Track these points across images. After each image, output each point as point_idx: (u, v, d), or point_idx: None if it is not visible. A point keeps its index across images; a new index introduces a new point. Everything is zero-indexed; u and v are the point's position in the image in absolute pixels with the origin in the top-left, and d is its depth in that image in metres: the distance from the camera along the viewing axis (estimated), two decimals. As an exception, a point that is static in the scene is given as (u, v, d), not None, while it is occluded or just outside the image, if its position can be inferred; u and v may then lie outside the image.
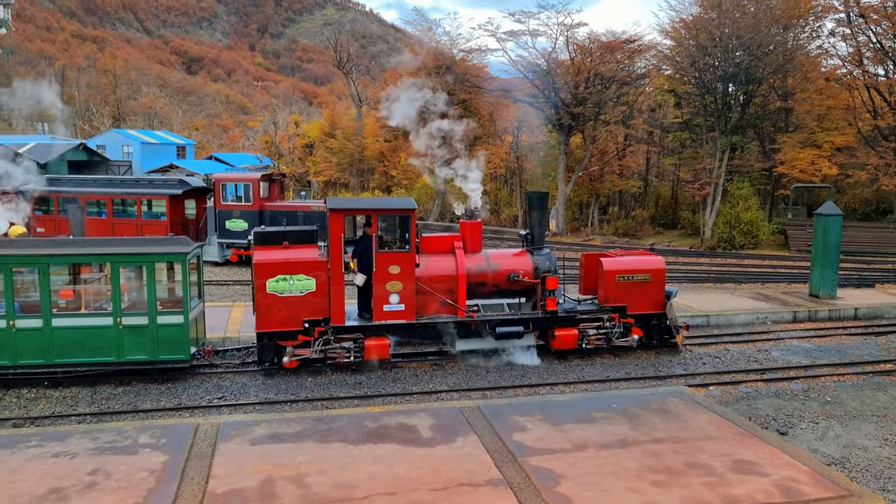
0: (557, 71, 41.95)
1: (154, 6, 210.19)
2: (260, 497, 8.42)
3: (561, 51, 43.01)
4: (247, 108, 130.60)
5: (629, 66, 43.05)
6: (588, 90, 41.02)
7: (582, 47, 42.09)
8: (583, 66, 41.31)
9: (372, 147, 56.51)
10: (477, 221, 15.76)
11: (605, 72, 41.02)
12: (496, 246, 26.35)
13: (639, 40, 41.52)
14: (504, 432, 10.46)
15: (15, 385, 13.63)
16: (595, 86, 41.45)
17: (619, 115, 42.43)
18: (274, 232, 14.65)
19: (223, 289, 24.01)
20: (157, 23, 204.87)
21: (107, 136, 70.59)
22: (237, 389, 13.76)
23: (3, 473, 9.00)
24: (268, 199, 28.63)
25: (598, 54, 41.27)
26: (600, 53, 41.24)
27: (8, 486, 8.63)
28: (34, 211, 30.18)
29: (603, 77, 41.23)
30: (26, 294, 14.57)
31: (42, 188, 30.60)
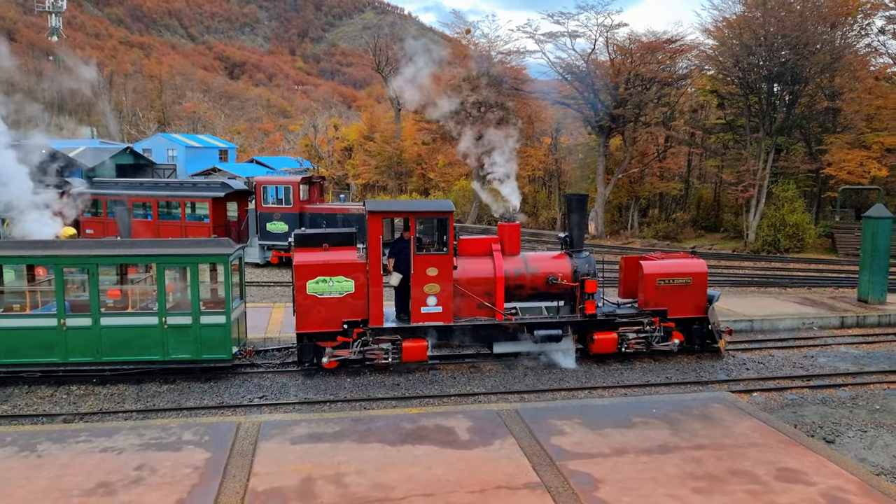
0: (597, 72, 41.59)
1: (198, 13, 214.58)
2: (300, 496, 8.52)
3: (600, 52, 42.65)
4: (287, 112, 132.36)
5: (670, 67, 42.46)
6: (628, 91, 40.58)
7: (622, 48, 41.66)
8: (623, 67, 40.89)
9: (410, 150, 56.76)
10: (515, 224, 15.72)
11: (645, 73, 40.53)
12: (534, 248, 26.22)
13: (680, 40, 40.94)
14: (542, 435, 10.41)
15: (65, 382, 14.04)
16: (635, 87, 40.98)
17: (659, 116, 41.87)
18: (314, 234, 14.82)
19: (264, 290, 24.37)
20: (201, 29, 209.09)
21: (152, 140, 72.28)
22: (277, 389, 13.95)
23: (54, 467, 9.28)
24: (308, 202, 28.97)
25: (639, 55, 40.80)
26: (641, 54, 40.76)
27: (59, 480, 8.90)
28: (83, 213, 31.08)
29: (643, 78, 40.74)
30: (76, 294, 15.03)
31: (90, 191, 31.54)
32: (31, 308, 14.56)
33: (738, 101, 39.91)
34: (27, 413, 12.72)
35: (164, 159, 66.34)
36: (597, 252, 21.71)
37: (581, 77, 41.81)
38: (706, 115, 46.30)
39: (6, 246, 14.61)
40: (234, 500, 8.42)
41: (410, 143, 56.74)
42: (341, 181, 62.60)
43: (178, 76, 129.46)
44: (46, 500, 8.40)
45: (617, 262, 18.96)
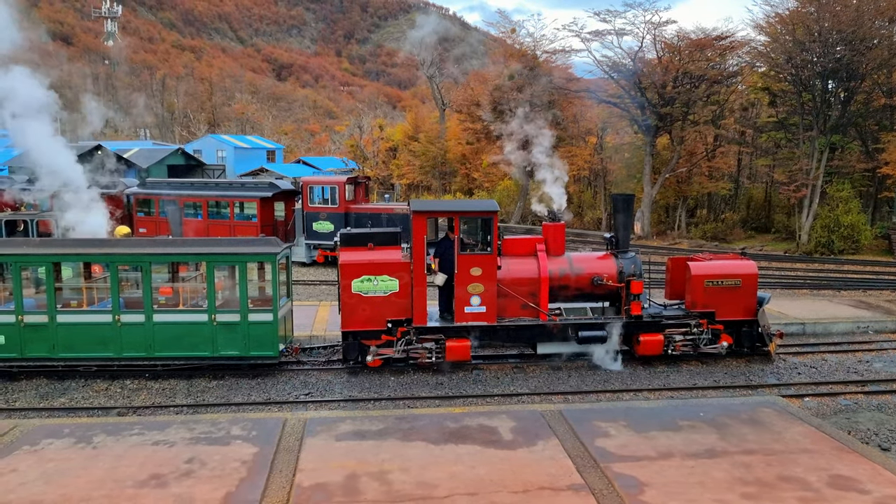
0: (644, 70, 41.02)
1: (247, 16, 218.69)
2: (344, 492, 8.63)
3: (648, 50, 42.05)
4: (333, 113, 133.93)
5: (720, 64, 41.60)
6: (676, 89, 39.91)
7: (670, 45, 40.99)
8: (671, 65, 40.23)
9: (454, 150, 56.83)
10: (560, 224, 15.62)
11: (694, 70, 39.81)
12: (579, 249, 26.02)
13: (731, 37, 40.08)
14: (586, 437, 10.32)
15: (119, 376, 14.49)
16: (684, 85, 40.28)
17: (708, 114, 41.05)
18: (359, 234, 14.98)
19: (310, 288, 24.71)
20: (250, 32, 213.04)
21: (203, 142, 73.97)
22: (323, 386, 14.14)
23: (109, 459, 9.58)
24: (353, 202, 29.27)
25: (688, 52, 40.09)
26: (689, 51, 40.05)
27: (113, 471, 9.19)
28: (137, 212, 32.00)
29: (692, 76, 40.02)
30: (130, 291, 15.49)
31: (143, 191, 32.45)
32: (88, 304, 15.06)
33: (790, 99, 38.89)
34: (84, 406, 13.16)
35: (213, 160, 67.84)
36: (643, 253, 21.41)
37: (628, 75, 41.28)
38: (757, 114, 45.23)
39: (64, 244, 15.13)
40: (280, 494, 8.57)
41: (455, 143, 56.81)
42: (386, 181, 63.03)
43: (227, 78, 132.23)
44: (102, 490, 8.68)
45: (663, 263, 18.69)
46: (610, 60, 42.95)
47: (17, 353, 14.20)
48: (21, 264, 14.36)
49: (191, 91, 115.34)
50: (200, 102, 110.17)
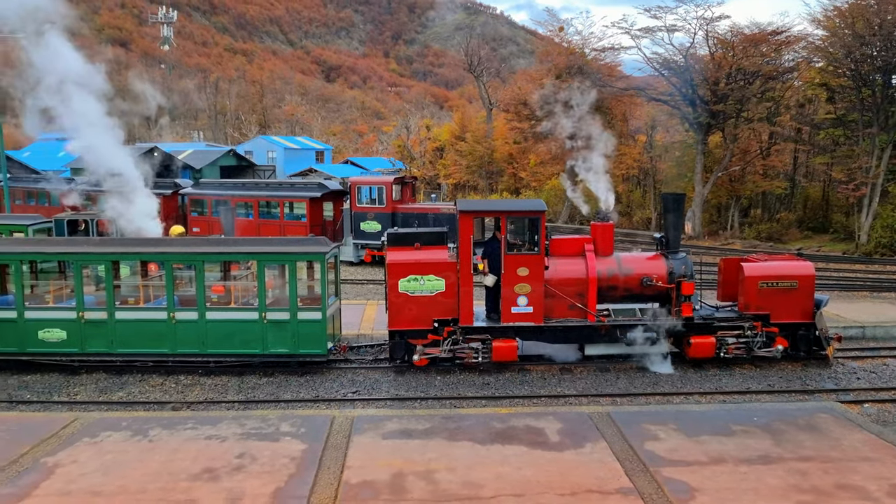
0: (696, 67, 40.19)
1: (297, 19, 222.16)
2: (391, 490, 8.68)
3: (700, 46, 41.19)
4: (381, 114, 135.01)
5: (775, 60, 40.47)
6: (729, 86, 39.01)
7: (723, 41, 40.08)
8: (724, 61, 39.33)
9: (501, 149, 56.68)
10: (608, 224, 15.43)
11: (748, 66, 38.83)
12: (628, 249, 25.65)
13: (787, 31, 38.96)
14: (635, 440, 10.17)
15: (174, 372, 14.88)
16: (737, 81, 39.34)
17: (763, 111, 39.99)
18: (406, 233, 15.06)
19: (357, 287, 24.95)
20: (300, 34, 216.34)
21: (254, 143, 75.44)
22: (370, 385, 14.27)
23: (164, 452, 9.85)
24: (400, 202, 29.45)
25: (741, 48, 39.13)
26: (743, 47, 39.08)
27: (168, 464, 9.44)
28: (191, 212, 32.82)
29: (746, 72, 39.05)
30: (184, 289, 15.90)
31: (197, 191, 33.26)
32: (144, 302, 15.51)
33: (849, 95, 37.60)
34: (140, 400, 13.56)
35: (264, 161, 69.12)
36: (694, 253, 21.00)
37: (679, 72, 40.53)
38: (814, 110, 43.84)
39: (122, 243, 15.62)
40: (328, 491, 8.67)
41: (502, 143, 56.66)
42: (433, 181, 63.23)
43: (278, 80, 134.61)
44: (157, 482, 8.92)
45: (715, 263, 18.27)
46: (660, 57, 42.25)
47: (78, 347, 14.73)
48: (82, 263, 14.89)
49: (242, 93, 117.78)
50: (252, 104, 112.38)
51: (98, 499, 8.51)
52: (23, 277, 15.09)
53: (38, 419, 11.48)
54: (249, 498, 8.47)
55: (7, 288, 15.68)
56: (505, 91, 58.08)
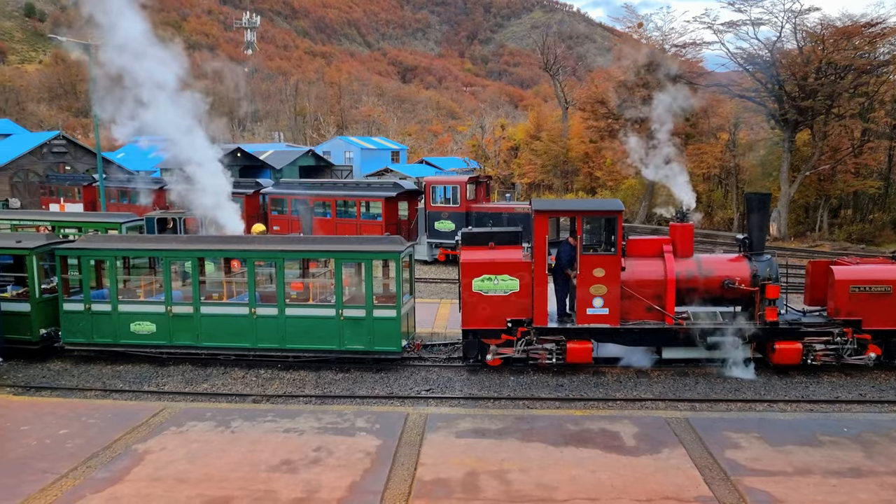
0: (782, 62, 38.58)
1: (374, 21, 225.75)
2: (464, 488, 8.72)
3: (787, 39, 39.49)
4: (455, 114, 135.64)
5: (870, 53, 38.38)
6: (819, 81, 37.25)
7: (812, 34, 38.31)
8: (813, 55, 37.59)
9: (577, 148, 55.97)
10: (688, 224, 15.00)
11: (839, 60, 36.97)
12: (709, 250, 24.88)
13: (882, 23, 36.89)
14: (715, 448, 9.87)
15: (255, 365, 15.38)
16: (827, 76, 37.53)
17: (855, 107, 38.00)
18: (480, 233, 15.06)
19: (431, 286, 25.14)
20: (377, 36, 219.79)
21: (331, 143, 77.16)
22: (443, 383, 14.35)
23: (245, 443, 10.20)
24: (474, 201, 29.50)
25: (832, 41, 37.29)
26: (834, 40, 37.24)
27: (249, 455, 9.78)
28: (271, 211, 33.84)
29: (837, 66, 37.19)
30: (264, 286, 16.42)
31: (277, 191, 34.26)
32: (228, 297, 16.10)
33: (952, 88, 35.30)
34: (223, 392, 14.08)
35: (341, 161, 70.61)
36: (779, 255, 20.17)
37: (764, 68, 39.00)
38: (913, 105, 41.37)
39: (208, 241, 16.26)
40: (402, 487, 8.79)
41: (577, 142, 55.95)
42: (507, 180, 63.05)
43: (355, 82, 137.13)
44: (238, 472, 9.25)
45: (802, 266, 17.51)
46: (744, 52, 40.74)
47: (166, 340, 15.43)
48: (170, 259, 15.58)
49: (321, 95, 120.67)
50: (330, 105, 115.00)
51: (184, 485, 8.90)
52: (117, 272, 15.91)
53: (129, 408, 12.10)
54: (326, 491, 8.68)
55: (102, 282, 16.56)
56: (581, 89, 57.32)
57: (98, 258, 16.01)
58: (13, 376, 15.15)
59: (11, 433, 10.73)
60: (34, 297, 15.71)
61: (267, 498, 8.51)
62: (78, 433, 10.64)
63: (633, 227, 41.60)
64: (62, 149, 52.21)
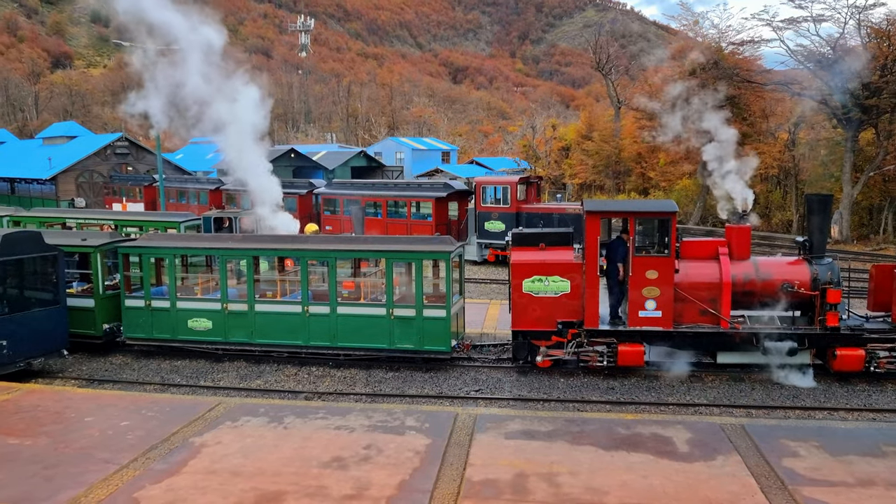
0: (845, 59, 37.29)
1: (426, 22, 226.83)
2: (513, 490, 8.69)
3: (851, 36, 38.17)
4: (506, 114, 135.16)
5: (940, 48, 36.78)
6: (884, 79, 35.86)
7: (878, 31, 36.92)
8: (878, 52, 36.23)
9: (629, 148, 55.14)
10: (745, 226, 14.64)
11: (907, 56, 35.55)
12: (766, 253, 24.24)
13: (953, 17, 35.33)
14: (772, 455, 9.61)
15: (306, 363, 15.63)
16: (893, 73, 36.11)
17: (924, 105, 36.48)
18: (531, 233, 15.00)
19: (481, 287, 25.13)
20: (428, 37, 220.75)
21: (383, 144, 77.85)
22: (492, 384, 14.34)
23: (297, 439, 10.38)
24: (524, 202, 29.37)
25: (900, 37, 35.89)
26: (902, 36, 35.83)
27: (301, 451, 9.95)
28: (324, 211, 34.34)
29: (904, 62, 35.77)
30: (316, 284, 16.67)
31: (329, 191, 34.74)
32: (281, 295, 16.40)
33: None
34: (276, 388, 14.36)
35: (392, 161, 71.18)
36: (841, 259, 19.53)
37: (826, 65, 37.76)
38: None
39: (262, 240, 16.60)
40: (451, 487, 8.81)
41: (630, 142, 55.12)
42: (558, 181, 62.55)
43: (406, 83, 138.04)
44: (291, 467, 9.42)
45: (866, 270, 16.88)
46: (805, 50, 39.57)
47: (221, 337, 15.81)
48: (227, 257, 15.96)
49: (373, 96, 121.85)
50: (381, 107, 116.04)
51: (238, 479, 9.10)
52: (175, 270, 16.38)
53: (186, 402, 12.43)
54: (376, 488, 8.76)
55: (162, 279, 17.07)
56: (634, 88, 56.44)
57: (158, 256, 16.50)
58: (78, 369, 15.76)
59: (76, 424, 11.16)
60: (98, 293, 16.30)
61: (318, 494, 8.64)
62: (138, 425, 10.99)
63: (688, 229, 40.79)
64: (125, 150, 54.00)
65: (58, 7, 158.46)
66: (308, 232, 20.89)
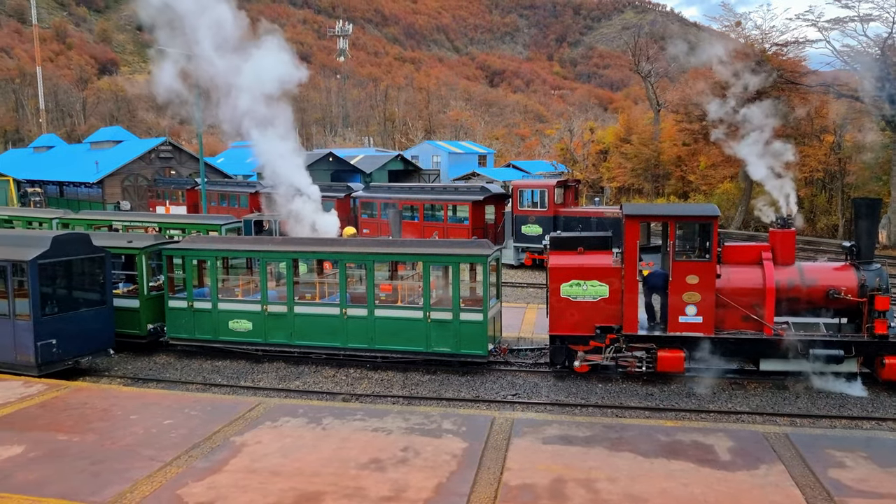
0: (894, 60, 36.28)
1: (463, 26, 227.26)
2: (550, 495, 8.64)
3: (900, 35, 37.09)
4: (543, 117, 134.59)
5: None
6: (936, 79, 34.81)
7: (929, 29, 35.86)
8: (929, 52, 35.20)
9: (669, 151, 54.42)
10: (790, 230, 14.34)
11: (960, 56, 34.44)
12: (810, 258, 23.69)
13: None
14: (817, 466, 9.38)
15: (344, 365, 15.77)
16: (946, 73, 35.02)
17: (978, 106, 35.27)
18: (569, 237, 14.91)
19: (518, 290, 25.04)
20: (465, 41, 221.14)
21: (419, 148, 78.20)
22: (529, 388, 14.27)
23: (336, 440, 10.47)
24: (562, 205, 29.17)
25: (952, 36, 34.80)
26: (954, 35, 34.73)
27: (339, 452, 10.04)
28: (361, 214, 34.59)
29: (957, 62, 34.66)
30: (353, 287, 16.81)
31: (367, 194, 35.00)
32: (320, 298, 16.57)
33: None
34: (314, 389, 14.51)
35: (429, 165, 71.44)
36: (889, 265, 18.98)
37: (874, 66, 36.77)
38: None
39: (302, 242, 16.79)
40: (488, 491, 8.80)
41: (670, 145, 54.43)
42: (595, 184, 62.04)
43: (443, 87, 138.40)
44: (329, 468, 9.51)
45: (917, 276, 16.40)
46: (852, 50, 38.60)
47: (261, 338, 16.04)
48: (267, 260, 16.19)
49: (410, 100, 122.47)
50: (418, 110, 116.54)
51: (278, 478, 9.22)
52: (217, 272, 16.68)
53: (227, 402, 12.64)
54: (413, 490, 8.79)
55: (203, 281, 17.39)
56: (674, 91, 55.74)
57: (200, 258, 16.81)
58: (123, 368, 16.14)
59: (122, 421, 11.43)
60: (143, 294, 16.68)
61: (356, 495, 8.70)
62: (181, 424, 11.21)
63: (729, 233, 40.08)
64: (168, 154, 55.19)
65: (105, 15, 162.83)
66: (346, 235, 21.05)
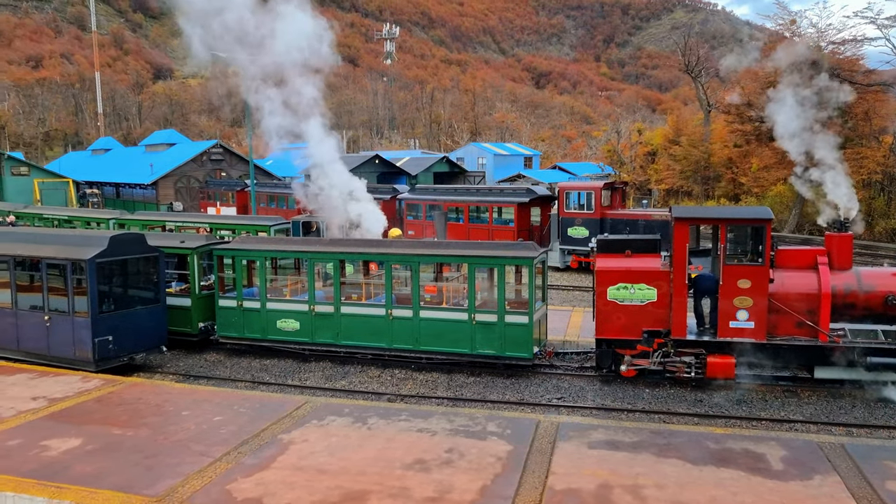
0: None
1: (509, 28, 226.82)
2: (596, 500, 8.55)
3: (966, 32, 35.66)
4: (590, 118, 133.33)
5: None
6: None
7: None
8: None
9: (719, 153, 53.31)
10: (847, 234, 13.90)
11: None
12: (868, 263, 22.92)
13: None
14: (874, 477, 9.07)
15: (389, 365, 15.87)
16: None
17: None
18: (616, 240, 14.73)
19: (563, 293, 24.84)
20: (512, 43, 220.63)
21: (465, 150, 78.24)
22: (575, 392, 14.15)
23: (381, 440, 10.55)
24: (609, 208, 28.84)
25: None
26: None
27: (384, 451, 10.11)
28: (406, 216, 34.79)
29: None
30: (399, 288, 16.91)
31: (412, 196, 35.19)
32: (366, 298, 16.72)
33: None
34: (360, 389, 14.64)
35: (474, 167, 71.43)
36: (954, 270, 18.18)
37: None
38: None
39: (348, 244, 16.98)
40: (533, 494, 8.75)
41: (720, 146, 53.32)
42: (643, 186, 61.18)
43: (489, 89, 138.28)
44: (374, 468, 9.58)
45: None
46: (914, 47, 37.22)
47: (308, 337, 16.26)
48: (314, 260, 16.42)
49: (456, 102, 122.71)
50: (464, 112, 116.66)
51: (324, 476, 9.34)
52: (266, 272, 16.97)
53: (275, 400, 12.86)
54: (458, 492, 8.80)
55: (252, 281, 17.73)
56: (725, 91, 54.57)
57: (249, 258, 17.14)
58: (175, 365, 16.55)
59: (174, 417, 11.73)
60: (195, 293, 17.09)
61: (401, 495, 8.75)
62: (230, 421, 11.44)
63: (782, 237, 39.06)
64: (219, 156, 56.44)
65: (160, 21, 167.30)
66: (391, 237, 21.21)
